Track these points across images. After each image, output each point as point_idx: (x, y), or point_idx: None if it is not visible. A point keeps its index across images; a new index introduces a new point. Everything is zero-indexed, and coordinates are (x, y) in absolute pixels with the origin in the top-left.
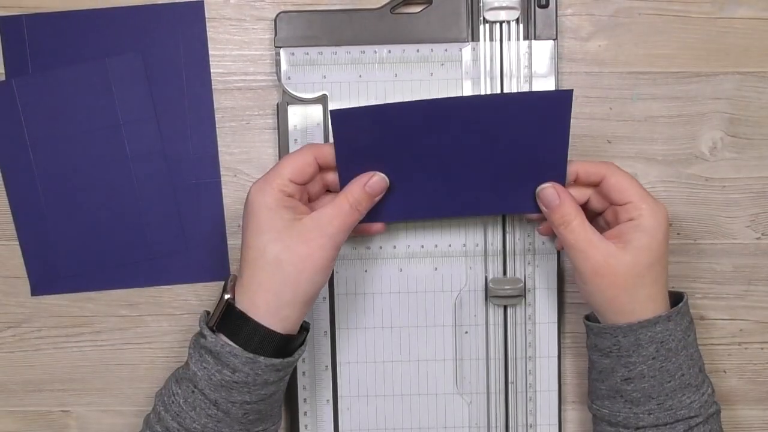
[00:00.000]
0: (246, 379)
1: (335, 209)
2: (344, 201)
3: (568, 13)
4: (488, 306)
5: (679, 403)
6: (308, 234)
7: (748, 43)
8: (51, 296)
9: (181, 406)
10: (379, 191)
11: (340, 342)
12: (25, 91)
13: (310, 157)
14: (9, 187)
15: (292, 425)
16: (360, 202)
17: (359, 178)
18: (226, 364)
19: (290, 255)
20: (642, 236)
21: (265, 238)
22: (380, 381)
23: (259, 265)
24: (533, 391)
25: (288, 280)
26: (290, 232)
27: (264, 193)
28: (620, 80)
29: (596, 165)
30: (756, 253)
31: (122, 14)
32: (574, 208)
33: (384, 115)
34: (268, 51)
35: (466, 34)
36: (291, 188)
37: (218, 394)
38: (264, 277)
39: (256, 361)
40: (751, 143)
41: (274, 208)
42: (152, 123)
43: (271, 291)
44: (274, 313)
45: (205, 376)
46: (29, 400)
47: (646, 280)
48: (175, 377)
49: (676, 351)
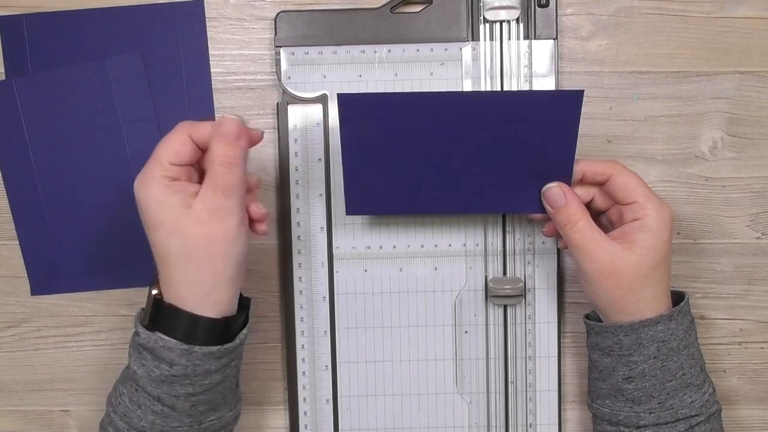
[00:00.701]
0: (185, 371)
1: (210, 177)
2: (212, 164)
3: (569, 13)
4: (488, 306)
5: (680, 402)
6: (200, 214)
7: (749, 42)
8: (51, 296)
9: (127, 405)
10: (236, 132)
11: (340, 342)
12: (25, 91)
13: (184, 136)
14: (9, 187)
15: (292, 425)
16: (226, 154)
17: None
18: (162, 359)
19: (193, 243)
20: (647, 236)
21: (163, 234)
22: (380, 381)
23: (169, 259)
24: (533, 391)
25: (202, 267)
26: (184, 220)
27: (147, 186)
28: (620, 80)
29: (602, 164)
30: (756, 253)
31: (122, 14)
32: (580, 208)
33: (392, 103)
34: (268, 50)
35: (466, 33)
36: (174, 171)
37: (160, 389)
38: (178, 271)
39: (192, 351)
40: (751, 143)
41: (161, 199)
42: (152, 123)
43: (191, 282)
44: (203, 301)
45: (145, 373)
46: (29, 399)
47: (651, 280)
48: (121, 378)
49: (678, 350)
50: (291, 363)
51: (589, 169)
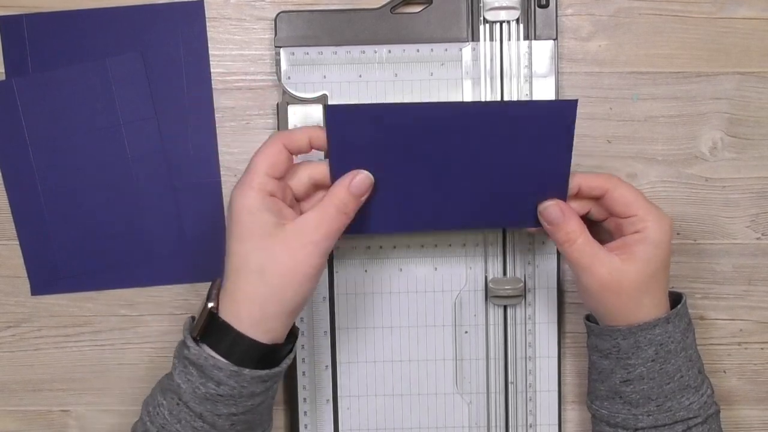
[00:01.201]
0: (231, 392)
1: (320, 214)
2: (329, 205)
3: (569, 13)
4: (488, 306)
5: (678, 404)
6: (292, 242)
7: (748, 43)
8: (51, 296)
9: (166, 417)
10: (365, 190)
11: (340, 342)
12: (25, 91)
13: (279, 146)
14: (9, 187)
15: (292, 425)
16: (346, 204)
17: (343, 179)
18: (210, 377)
19: (275, 265)
20: (648, 248)
21: (248, 246)
22: (380, 381)
23: (242, 274)
24: (533, 391)
25: (273, 292)
26: (274, 239)
27: (245, 196)
28: (620, 80)
29: (599, 178)
30: (756, 253)
31: (122, 14)
32: (579, 225)
33: (382, 116)
34: (268, 51)
35: (466, 34)
36: (271, 185)
37: (203, 407)
38: (248, 288)
39: (241, 374)
40: (751, 143)
41: (256, 212)
42: (152, 123)
43: (255, 303)
44: (258, 325)
45: (190, 389)
46: (29, 399)
47: (650, 288)
48: (161, 386)
49: (675, 353)
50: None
51: (586, 183)
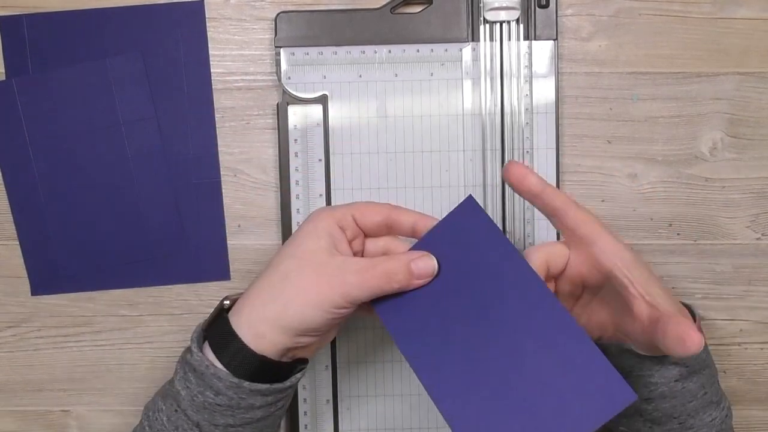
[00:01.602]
0: (229, 402)
1: (367, 263)
2: (381, 262)
3: (569, 14)
4: None
5: (700, 421)
6: (327, 268)
7: (749, 43)
8: (51, 296)
9: (164, 424)
10: (423, 276)
11: (340, 342)
12: (25, 91)
13: (384, 209)
14: (9, 187)
15: (292, 426)
16: (396, 273)
17: (412, 252)
18: (209, 386)
19: (297, 276)
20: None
21: (289, 252)
22: (380, 381)
23: (268, 273)
24: None
25: (281, 297)
26: (314, 258)
27: (320, 217)
28: (620, 80)
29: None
30: (756, 254)
31: (122, 14)
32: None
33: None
34: (268, 51)
35: (467, 34)
36: (347, 222)
37: (200, 415)
38: (265, 284)
39: (240, 385)
40: (751, 143)
41: (317, 231)
42: (152, 123)
43: (260, 299)
44: (252, 325)
45: (188, 396)
46: (29, 399)
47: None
48: (162, 392)
49: (700, 371)
50: None
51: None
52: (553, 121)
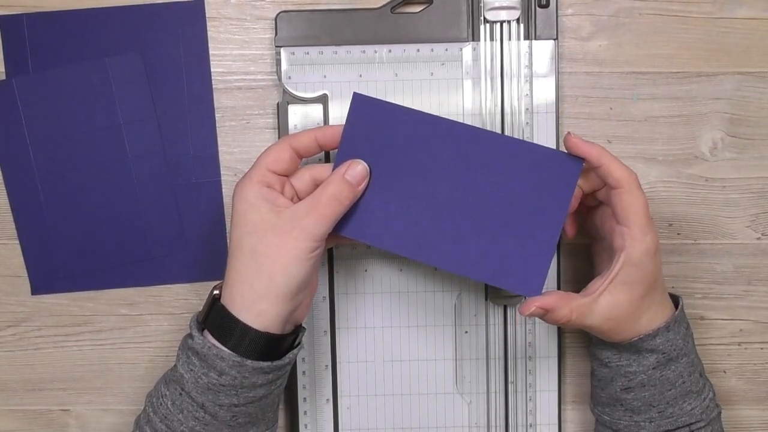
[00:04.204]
0: (233, 382)
1: (312, 199)
2: (322, 190)
3: (569, 13)
4: (488, 306)
5: (680, 410)
6: (283, 226)
7: (749, 43)
8: (51, 295)
9: (168, 408)
10: (360, 179)
11: (340, 341)
12: (25, 91)
13: (284, 145)
14: (9, 187)
15: (292, 425)
16: (340, 191)
17: (339, 167)
18: (212, 367)
19: (264, 246)
20: (633, 271)
21: (242, 231)
22: (380, 381)
23: (236, 257)
24: (533, 391)
25: (261, 270)
26: (266, 224)
27: (243, 188)
28: (620, 80)
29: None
30: (756, 253)
31: (122, 14)
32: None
33: (402, 118)
34: (268, 50)
35: (467, 33)
36: (270, 178)
37: (205, 396)
38: (239, 267)
39: (243, 364)
40: (751, 143)
41: (252, 202)
42: (152, 123)
43: (246, 282)
44: (249, 307)
45: (192, 378)
46: (29, 399)
47: (645, 306)
48: (165, 379)
49: (677, 359)
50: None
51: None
52: (554, 120)
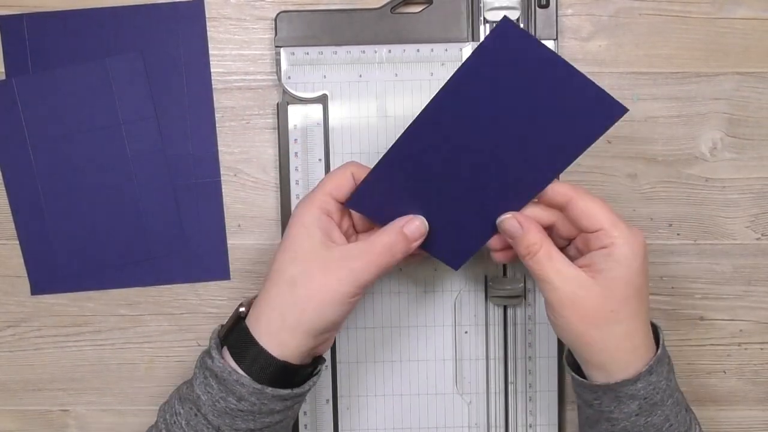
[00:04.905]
0: (252, 408)
1: (366, 245)
2: (378, 239)
3: (569, 13)
4: (488, 306)
5: None
6: (331, 263)
7: (748, 43)
8: (51, 296)
9: (183, 428)
10: (418, 237)
11: (339, 342)
12: (25, 91)
13: (348, 171)
14: (9, 187)
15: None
16: (395, 244)
17: (398, 221)
18: (231, 392)
19: (306, 280)
20: (615, 267)
21: (288, 256)
22: (380, 381)
23: (274, 280)
24: (533, 391)
25: (296, 304)
26: (314, 256)
27: (303, 209)
28: (620, 80)
29: (564, 186)
30: (756, 254)
31: (122, 14)
32: (540, 236)
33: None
34: (268, 50)
35: (467, 34)
36: (331, 206)
37: (221, 420)
38: (274, 293)
39: (263, 392)
40: (751, 143)
41: (307, 225)
42: (152, 123)
43: (276, 310)
44: (273, 335)
45: (209, 401)
46: (29, 399)
47: (620, 316)
48: (179, 395)
49: (662, 403)
50: None
51: (551, 188)
52: None
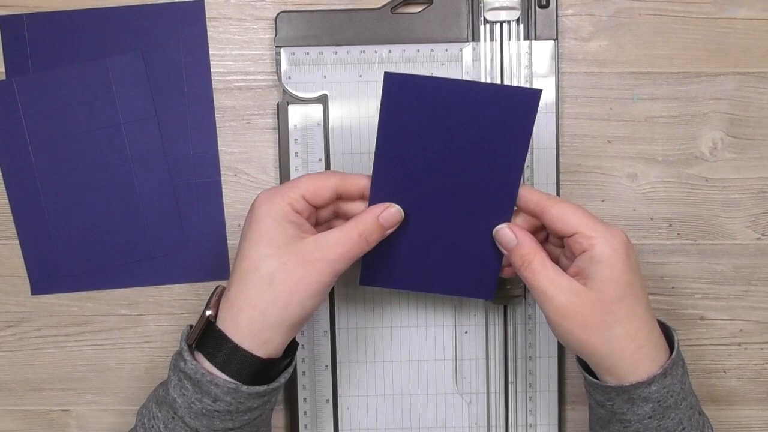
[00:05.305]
0: (228, 408)
1: (343, 235)
2: (354, 228)
3: (569, 14)
4: (488, 306)
5: None
6: (309, 255)
7: (749, 43)
8: (51, 295)
9: (161, 431)
10: (393, 224)
11: (339, 342)
12: (25, 91)
13: (331, 183)
14: (9, 187)
15: (292, 425)
16: (371, 233)
17: (373, 208)
18: (206, 393)
19: (285, 275)
20: (600, 268)
21: (262, 252)
22: (380, 381)
23: (249, 279)
24: (533, 391)
25: (278, 300)
26: (290, 249)
27: (271, 203)
28: (620, 80)
29: (536, 194)
30: (756, 254)
31: (122, 14)
32: (533, 246)
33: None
34: (268, 51)
35: (467, 34)
36: (301, 205)
37: (199, 422)
38: (252, 293)
39: (238, 390)
40: (751, 143)
41: (278, 220)
42: (152, 123)
43: (257, 309)
44: (256, 335)
45: (185, 403)
46: (29, 399)
47: (618, 316)
48: (156, 397)
49: (676, 406)
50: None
51: (525, 195)
52: (553, 121)
